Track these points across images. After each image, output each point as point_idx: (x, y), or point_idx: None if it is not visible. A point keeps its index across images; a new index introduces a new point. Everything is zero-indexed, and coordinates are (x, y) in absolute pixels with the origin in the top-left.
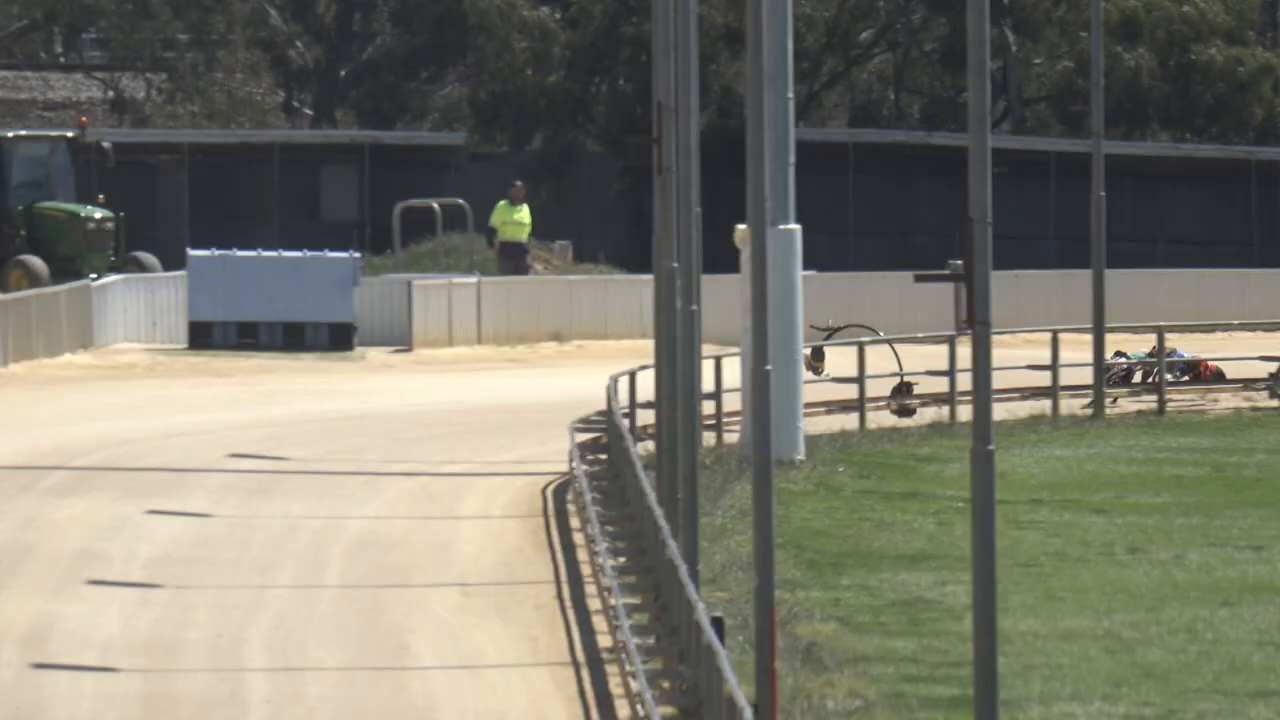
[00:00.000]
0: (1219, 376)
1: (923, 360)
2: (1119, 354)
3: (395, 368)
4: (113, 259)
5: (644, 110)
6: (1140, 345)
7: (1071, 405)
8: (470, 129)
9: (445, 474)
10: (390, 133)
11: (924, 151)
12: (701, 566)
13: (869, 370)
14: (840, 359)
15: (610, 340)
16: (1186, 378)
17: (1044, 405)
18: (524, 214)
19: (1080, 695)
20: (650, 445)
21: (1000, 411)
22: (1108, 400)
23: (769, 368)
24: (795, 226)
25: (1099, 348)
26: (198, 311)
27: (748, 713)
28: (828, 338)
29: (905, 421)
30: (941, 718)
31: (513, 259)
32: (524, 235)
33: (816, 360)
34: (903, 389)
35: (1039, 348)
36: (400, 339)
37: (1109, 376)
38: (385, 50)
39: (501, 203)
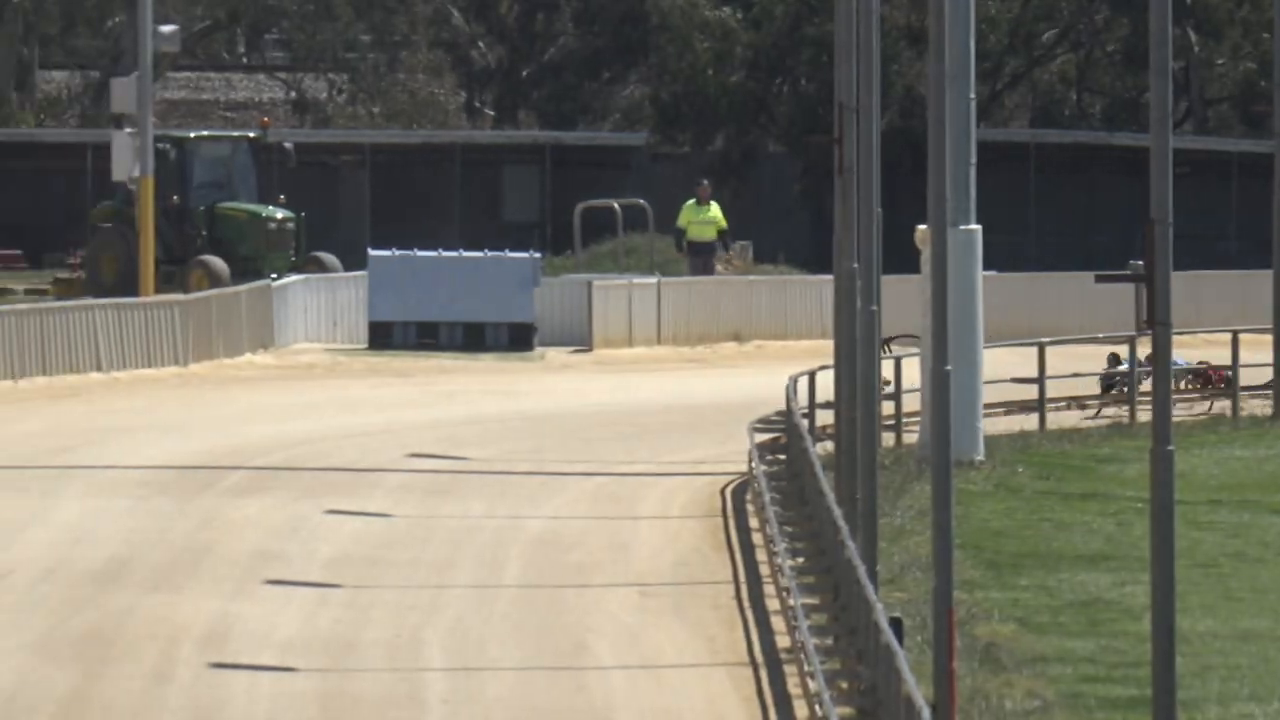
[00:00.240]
0: (1228, 384)
1: (1100, 362)
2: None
3: (575, 368)
4: (293, 259)
5: (825, 111)
6: None
7: (1252, 405)
8: (651, 129)
9: (624, 474)
10: (571, 133)
11: (1105, 152)
12: (880, 567)
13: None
14: (1017, 360)
15: (790, 340)
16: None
17: (1224, 405)
18: (710, 213)
19: (1259, 696)
20: (829, 445)
21: (1180, 412)
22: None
23: (949, 368)
24: (976, 227)
25: None
26: (378, 312)
27: (926, 713)
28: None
29: (1086, 422)
30: (1120, 718)
31: (701, 258)
32: (712, 234)
33: None
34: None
35: (1219, 348)
36: (580, 339)
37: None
38: (567, 51)
39: (689, 203)
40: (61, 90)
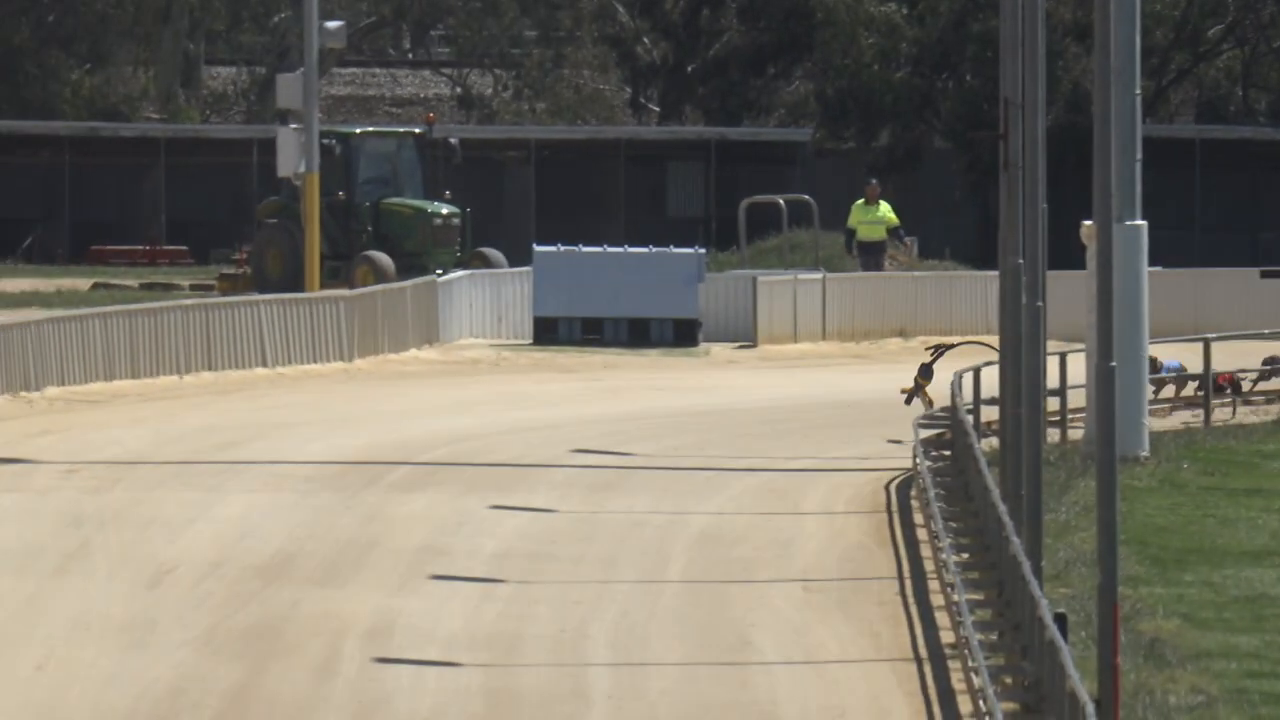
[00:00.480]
0: (1235, 386)
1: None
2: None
3: (739, 364)
4: (459, 255)
5: (990, 106)
6: None
7: None
8: (816, 125)
9: (789, 469)
10: (736, 129)
11: (1271, 148)
12: (1044, 562)
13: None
14: (1183, 356)
15: (954, 336)
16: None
17: None
18: (879, 212)
19: None
20: (994, 441)
21: None
22: None
23: (1114, 364)
24: (1141, 223)
25: None
26: (543, 307)
27: (1090, 708)
28: (934, 359)
29: (1250, 418)
30: None
31: (871, 257)
32: (881, 234)
33: (923, 378)
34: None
35: None
36: (744, 335)
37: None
38: (732, 47)
39: (857, 202)
40: (227, 86)
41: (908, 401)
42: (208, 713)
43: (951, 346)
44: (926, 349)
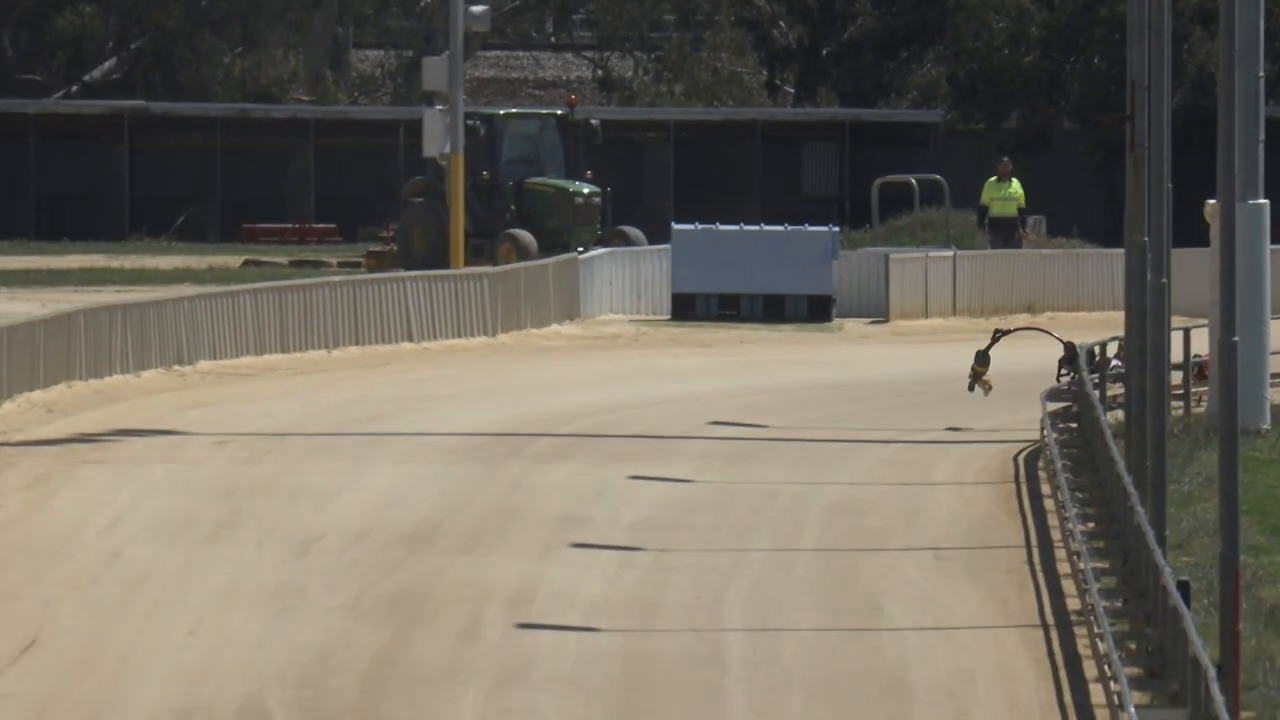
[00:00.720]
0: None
1: None
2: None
3: (871, 338)
4: (599, 233)
5: (1117, 89)
6: None
7: None
8: (947, 107)
9: (919, 441)
10: (869, 110)
11: None
12: (1168, 532)
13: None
14: None
15: (1082, 312)
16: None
17: None
18: (1011, 189)
19: None
20: (1119, 414)
21: None
22: None
23: (1236, 339)
24: (1264, 201)
25: None
26: (681, 284)
27: (1211, 673)
28: (991, 345)
29: None
30: None
31: (1002, 234)
32: (1013, 210)
33: (980, 366)
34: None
35: None
36: (877, 310)
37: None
38: (866, 30)
39: (990, 180)
40: (375, 69)
41: (970, 388)
42: (354, 676)
43: (1009, 332)
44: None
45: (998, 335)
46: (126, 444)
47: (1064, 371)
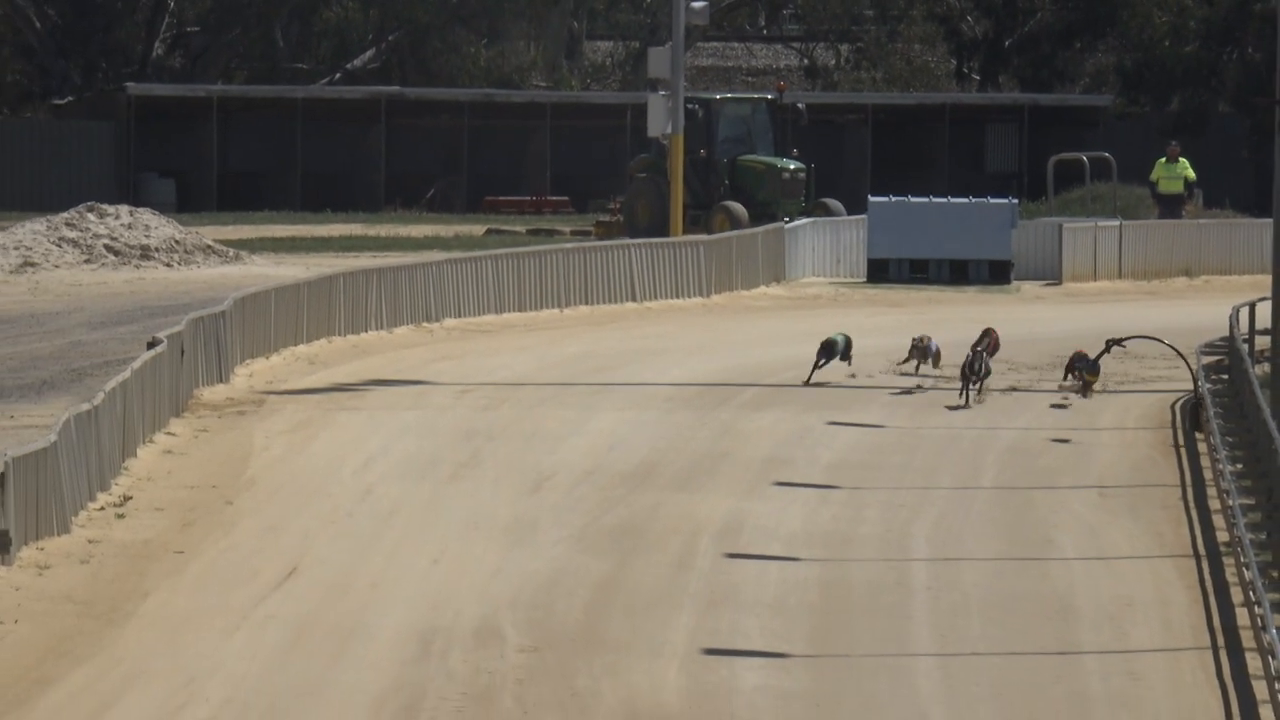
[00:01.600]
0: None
1: None
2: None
3: (1045, 299)
4: (803, 204)
5: (1269, 76)
6: None
7: None
8: (1116, 93)
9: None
10: (1046, 95)
11: None
12: None
13: None
14: None
15: (1234, 275)
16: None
17: None
18: (1179, 169)
19: None
20: (1266, 367)
21: None
22: None
23: None
24: None
25: None
26: (875, 250)
27: None
28: (1104, 352)
29: None
30: None
31: (1169, 208)
32: (1179, 188)
33: (1091, 374)
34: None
35: None
36: (1051, 274)
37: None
38: (1044, 23)
39: (1160, 160)
40: (605, 58)
41: (1084, 394)
42: (580, 600)
43: (1121, 342)
44: (1114, 342)
45: (1109, 345)
46: (379, 393)
47: (1084, 385)
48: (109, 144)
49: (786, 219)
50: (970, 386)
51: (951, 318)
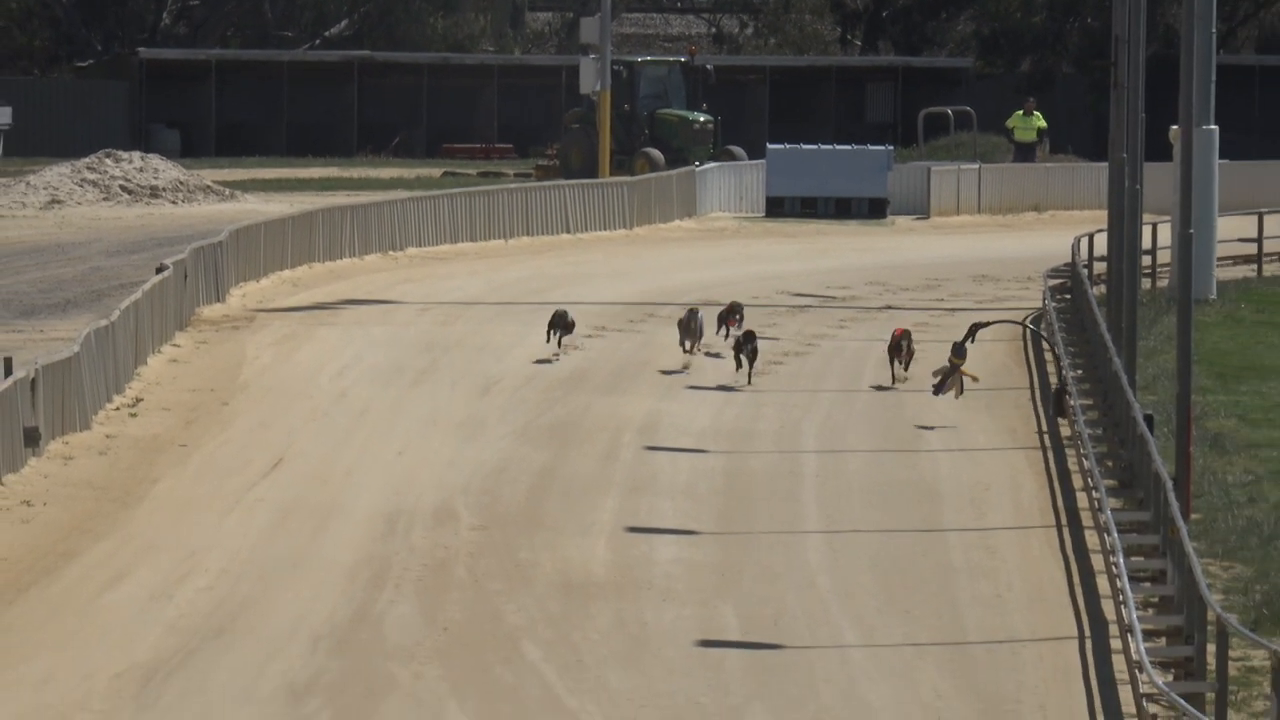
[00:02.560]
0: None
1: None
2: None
3: (916, 231)
4: (711, 151)
5: (1106, 41)
6: None
7: None
8: (976, 56)
9: (950, 309)
10: (917, 58)
11: None
12: (1137, 377)
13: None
14: (1244, 225)
15: (1075, 211)
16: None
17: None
18: (1033, 121)
19: None
20: (1102, 289)
21: None
22: None
23: (1191, 231)
24: (1214, 127)
25: None
26: (773, 189)
27: (1169, 484)
28: (970, 336)
29: None
30: None
31: (1023, 153)
32: (1033, 137)
33: (958, 358)
34: (1062, 393)
35: None
36: (920, 210)
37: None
38: None
39: (1017, 113)
40: (544, 26)
41: (938, 390)
42: (522, 486)
43: (986, 325)
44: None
45: (974, 329)
46: (352, 310)
47: (951, 368)
48: (123, 100)
49: (697, 163)
50: (743, 365)
51: (837, 246)
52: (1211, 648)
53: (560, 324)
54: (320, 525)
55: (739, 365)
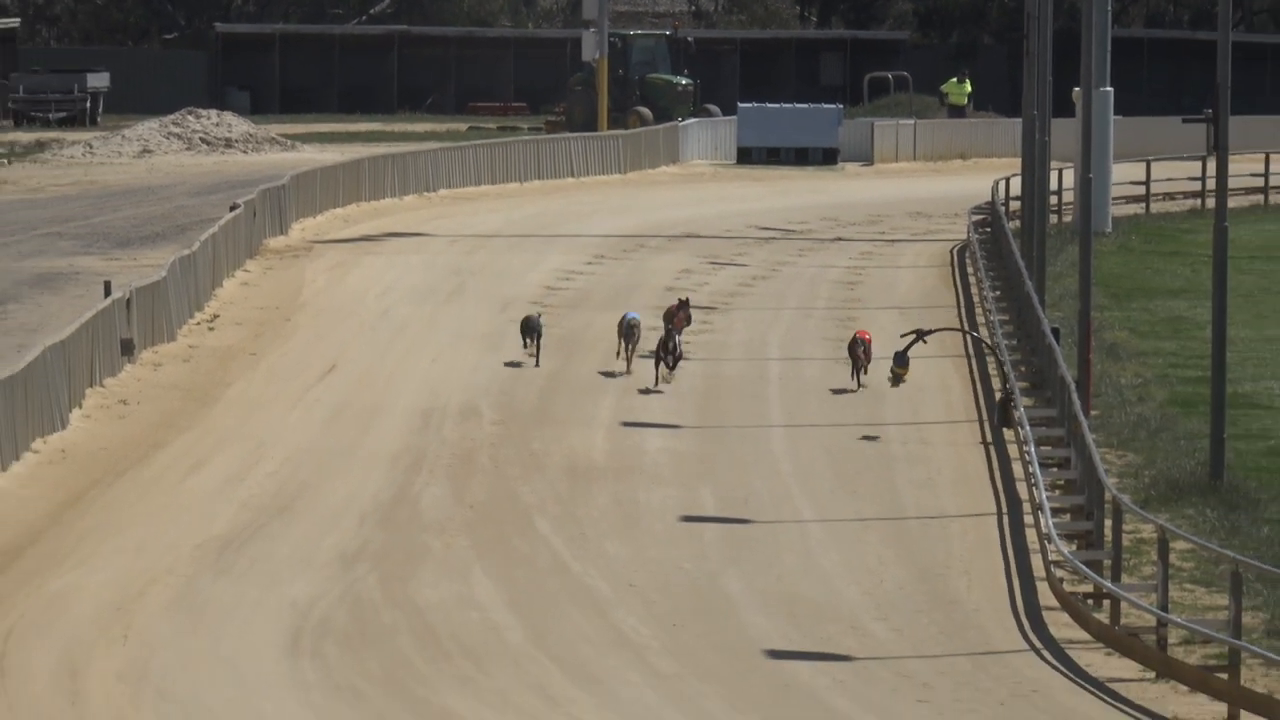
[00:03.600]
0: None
1: (1183, 169)
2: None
3: (862, 175)
4: (691, 109)
5: (1021, 17)
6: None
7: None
8: (912, 30)
9: (892, 239)
10: (863, 31)
11: (1190, 43)
12: (1046, 296)
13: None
14: (1135, 170)
15: (995, 159)
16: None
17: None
18: (964, 88)
19: (1276, 376)
20: (1017, 223)
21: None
22: None
23: (1090, 175)
24: (1109, 89)
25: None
26: (743, 140)
27: (1072, 386)
28: (911, 345)
29: (1174, 207)
30: (1190, 389)
31: (955, 114)
32: (963, 101)
33: (900, 367)
34: (1007, 403)
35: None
36: (865, 157)
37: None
38: None
39: (952, 80)
40: (553, 4)
41: (897, 381)
42: (535, 389)
43: (927, 334)
44: (902, 335)
45: (917, 336)
46: (393, 242)
47: (895, 378)
48: (202, 66)
49: (680, 119)
50: (662, 364)
51: (796, 188)
52: (1108, 523)
53: (531, 329)
54: (367, 421)
55: (658, 365)
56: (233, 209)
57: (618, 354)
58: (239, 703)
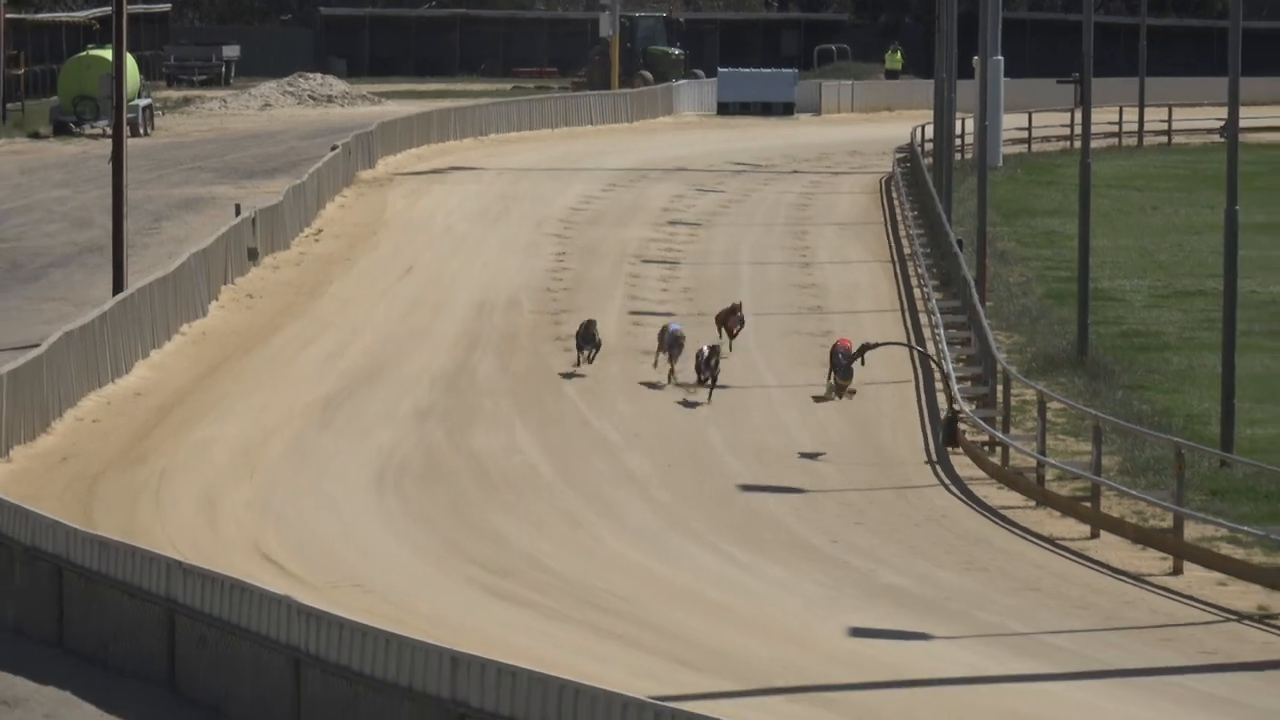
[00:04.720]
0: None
1: (1059, 118)
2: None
3: (813, 124)
4: (683, 73)
5: (934, 0)
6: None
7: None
8: (850, 11)
9: (835, 172)
10: (814, 13)
11: (1064, 24)
12: (952, 215)
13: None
14: (1021, 119)
15: (914, 111)
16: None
17: (1126, 140)
18: (898, 58)
19: (1126, 276)
20: (930, 160)
21: (1095, 143)
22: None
23: (986, 123)
24: (1000, 58)
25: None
26: (722, 96)
27: (972, 283)
28: (858, 356)
29: (1048, 149)
30: (1062, 286)
31: (890, 77)
32: (899, 67)
33: (844, 379)
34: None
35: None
36: (815, 110)
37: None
38: None
39: (890, 51)
40: None
41: (820, 399)
42: (563, 285)
43: (874, 347)
44: (856, 351)
45: (864, 349)
46: (456, 175)
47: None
48: (310, 41)
49: (674, 81)
50: (704, 382)
51: (763, 134)
52: (1000, 388)
53: (590, 341)
54: (435, 311)
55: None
56: (333, 149)
57: (655, 364)
58: (338, 526)
